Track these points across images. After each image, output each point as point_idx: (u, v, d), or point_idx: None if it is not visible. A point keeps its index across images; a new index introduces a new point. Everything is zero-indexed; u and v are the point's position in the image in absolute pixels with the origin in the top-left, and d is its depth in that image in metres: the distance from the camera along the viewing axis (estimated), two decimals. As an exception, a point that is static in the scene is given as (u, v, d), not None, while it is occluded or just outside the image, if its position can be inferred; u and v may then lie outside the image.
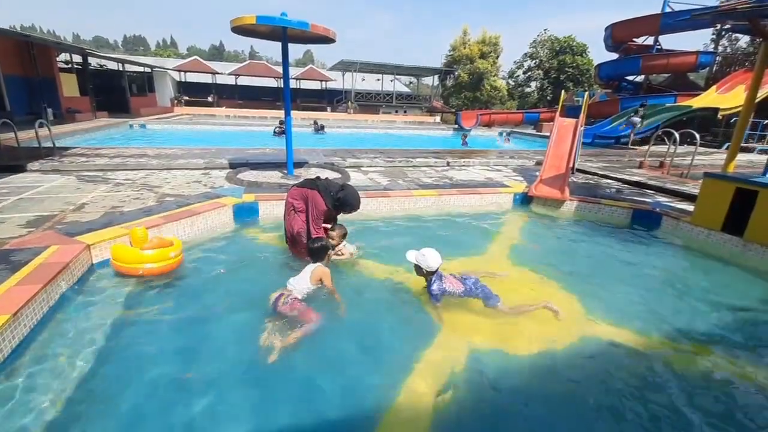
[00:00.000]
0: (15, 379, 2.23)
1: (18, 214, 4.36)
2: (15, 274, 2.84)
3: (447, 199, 5.96)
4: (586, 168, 9.05)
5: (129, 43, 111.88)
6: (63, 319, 2.80)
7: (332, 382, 2.39)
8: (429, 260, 3.09)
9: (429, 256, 3.11)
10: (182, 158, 8.12)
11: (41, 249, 3.27)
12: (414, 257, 3.17)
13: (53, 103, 15.95)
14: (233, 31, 5.77)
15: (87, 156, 7.98)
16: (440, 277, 3.16)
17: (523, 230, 5.44)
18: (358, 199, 3.75)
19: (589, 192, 6.59)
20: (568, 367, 2.66)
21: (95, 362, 2.43)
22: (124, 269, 3.37)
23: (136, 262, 3.34)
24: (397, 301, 3.32)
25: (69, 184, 5.80)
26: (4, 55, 14.98)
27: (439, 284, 3.10)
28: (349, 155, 9.67)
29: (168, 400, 2.20)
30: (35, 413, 2.03)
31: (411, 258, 3.17)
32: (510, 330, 2.99)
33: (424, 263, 3.10)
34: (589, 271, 4.10)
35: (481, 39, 36.96)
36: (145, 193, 5.51)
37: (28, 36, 15.55)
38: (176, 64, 32.01)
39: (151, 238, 3.46)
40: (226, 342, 2.70)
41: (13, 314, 2.41)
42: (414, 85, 42.38)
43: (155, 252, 3.38)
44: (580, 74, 34.96)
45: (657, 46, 20.22)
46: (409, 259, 3.17)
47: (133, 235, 3.39)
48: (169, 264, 3.46)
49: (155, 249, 3.39)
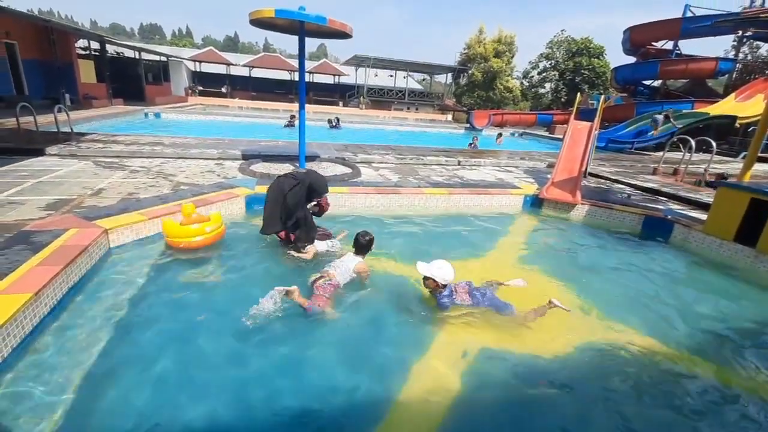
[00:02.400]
0: (36, 354, 2.32)
1: (37, 197, 4.48)
2: (36, 255, 2.94)
3: (457, 199, 5.97)
4: (598, 172, 8.98)
5: (145, 31, 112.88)
6: (81, 300, 2.89)
7: (332, 379, 2.44)
8: (446, 274, 3.01)
9: (445, 269, 3.02)
10: (196, 148, 8.22)
11: (61, 231, 3.37)
12: (427, 270, 3.02)
13: (71, 89, 16.21)
14: (251, 24, 5.82)
15: (104, 142, 8.12)
16: (451, 290, 3.09)
17: (532, 232, 5.44)
18: (325, 184, 3.83)
19: (601, 196, 6.55)
20: (575, 370, 2.68)
21: (111, 341, 2.52)
22: (172, 242, 3.66)
23: (176, 236, 3.63)
24: (405, 299, 3.34)
25: (87, 169, 5.93)
26: (24, 39, 15.25)
27: (450, 296, 3.06)
28: (360, 151, 9.70)
29: (180, 378, 2.28)
30: (53, 388, 2.12)
31: (423, 270, 3.03)
32: (517, 332, 3.01)
33: (440, 276, 3.00)
34: (598, 276, 4.09)
35: (497, 38, 36.61)
36: (161, 180, 5.61)
37: (49, 21, 15.80)
38: (191, 54, 32.27)
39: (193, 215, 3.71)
40: (230, 329, 2.76)
41: (35, 293, 2.50)
42: (427, 83, 42.19)
43: (198, 226, 3.67)
44: (596, 77, 34.50)
45: (676, 50, 19.86)
46: (420, 271, 3.03)
47: (183, 211, 3.69)
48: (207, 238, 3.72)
49: (198, 223, 3.68)
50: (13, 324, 2.29)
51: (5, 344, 2.22)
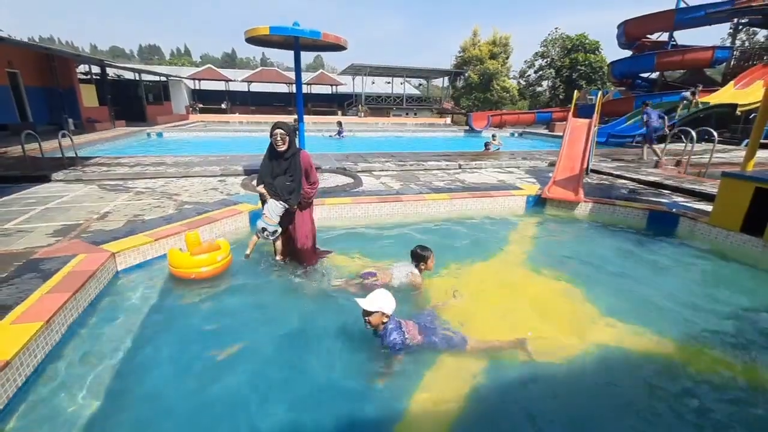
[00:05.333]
0: (49, 383, 2.35)
1: (45, 224, 4.54)
2: (46, 283, 2.98)
3: (459, 203, 5.98)
4: (600, 168, 8.95)
5: (144, 52, 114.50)
6: (91, 325, 2.92)
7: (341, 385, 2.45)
8: (391, 303, 2.59)
9: (390, 298, 2.60)
10: (198, 166, 8.31)
11: (69, 257, 3.42)
12: (373, 303, 2.56)
13: (74, 113, 16.48)
14: (247, 42, 5.92)
15: (108, 165, 8.23)
16: (397, 322, 2.65)
17: (536, 233, 5.42)
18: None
19: (604, 193, 6.53)
20: (583, 371, 2.66)
21: (121, 365, 2.54)
22: (178, 273, 3.55)
23: (188, 266, 3.53)
24: (410, 306, 3.35)
25: (92, 194, 6.01)
26: (27, 67, 15.56)
27: (399, 333, 2.59)
28: (361, 159, 9.75)
29: (193, 402, 2.29)
30: (65, 414, 2.14)
31: (368, 305, 2.55)
32: (522, 332, 2.98)
33: (388, 307, 2.57)
34: (604, 274, 4.07)
35: (492, 39, 36.83)
36: (165, 201, 5.68)
37: (50, 48, 16.13)
38: (190, 72, 32.69)
39: (202, 243, 3.64)
40: (247, 350, 2.78)
41: (46, 321, 2.53)
42: (424, 87, 42.40)
43: (206, 256, 3.57)
44: (593, 72, 34.52)
45: (672, 42, 19.86)
46: (366, 307, 2.55)
47: (186, 240, 3.58)
48: (219, 267, 3.65)
49: (206, 253, 3.58)
50: (26, 353, 2.32)
51: (20, 373, 2.25)
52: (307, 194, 3.65)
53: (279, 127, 3.42)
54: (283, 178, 3.51)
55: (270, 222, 3.62)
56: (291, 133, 3.47)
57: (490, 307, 3.39)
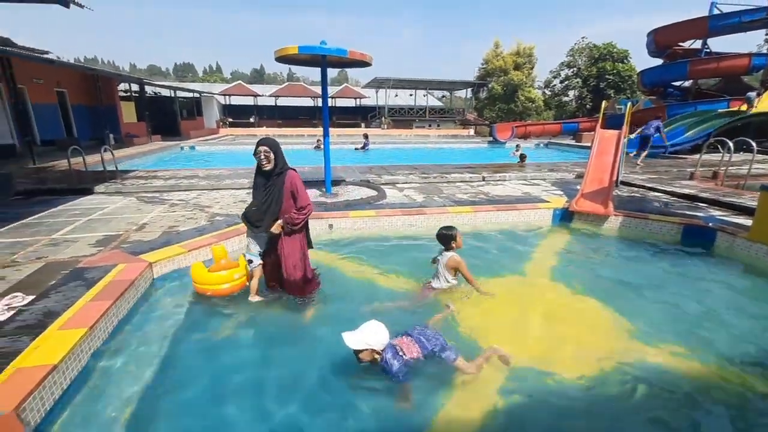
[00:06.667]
0: (90, 387, 2.49)
1: (88, 234, 4.83)
2: (89, 291, 3.17)
3: (483, 216, 5.94)
4: (631, 180, 8.69)
5: (179, 70, 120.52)
6: (129, 331, 3.08)
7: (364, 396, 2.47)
8: (381, 337, 2.44)
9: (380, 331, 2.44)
10: (228, 178, 8.63)
11: (110, 267, 3.63)
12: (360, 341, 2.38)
13: (114, 129, 17.48)
14: (277, 60, 6.16)
15: (145, 178, 8.68)
16: (395, 349, 2.48)
17: (564, 248, 5.30)
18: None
19: (635, 206, 6.33)
20: (611, 390, 2.58)
21: (158, 371, 2.67)
22: (197, 289, 3.55)
23: (204, 282, 3.50)
24: (430, 317, 3.35)
25: (131, 205, 6.35)
26: (73, 86, 16.68)
27: (398, 358, 2.43)
28: (384, 172, 9.86)
29: (222, 408, 2.37)
30: (103, 417, 2.26)
31: (355, 343, 2.38)
32: (550, 350, 2.94)
33: (378, 342, 2.41)
34: (636, 292, 3.93)
35: (515, 50, 36.68)
36: (198, 212, 5.93)
37: (94, 69, 17.25)
38: (221, 88, 34.12)
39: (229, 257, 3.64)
40: (271, 360, 2.85)
41: (90, 327, 2.70)
42: (447, 99, 42.53)
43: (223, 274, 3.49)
44: (622, 81, 33.73)
45: (705, 49, 19.17)
46: (352, 345, 2.38)
47: (213, 253, 3.60)
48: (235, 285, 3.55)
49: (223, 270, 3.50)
50: (72, 357, 2.48)
51: (65, 377, 2.40)
52: (294, 220, 3.23)
53: (263, 144, 3.11)
54: (264, 206, 3.20)
55: (249, 251, 3.40)
56: (278, 150, 3.15)
57: (513, 323, 3.34)
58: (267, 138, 3.18)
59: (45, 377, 2.20)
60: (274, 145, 3.14)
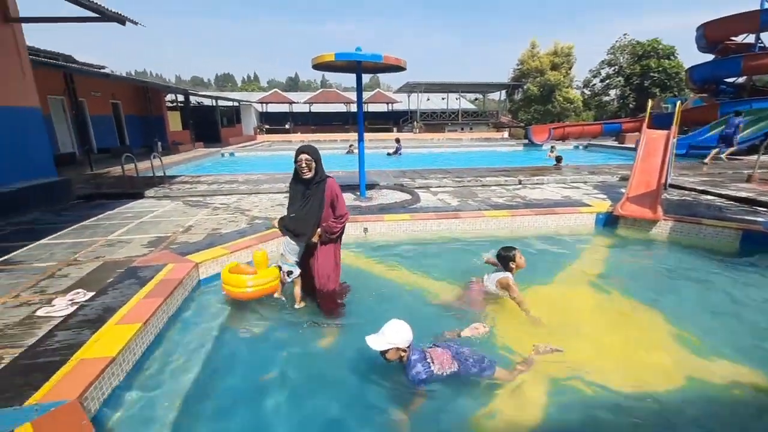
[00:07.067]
0: (143, 378, 2.63)
1: (140, 235, 5.14)
2: (142, 289, 3.37)
3: (521, 220, 5.78)
4: (681, 183, 8.18)
5: (220, 80, 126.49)
6: (177, 328, 3.24)
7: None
8: (405, 334, 2.37)
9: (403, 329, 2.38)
10: (266, 183, 8.91)
11: (160, 266, 3.83)
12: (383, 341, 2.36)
13: (162, 137, 18.56)
14: (314, 68, 6.32)
15: (190, 183, 9.13)
16: (423, 355, 2.44)
17: (608, 254, 5.06)
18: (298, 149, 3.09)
19: (687, 210, 5.94)
20: (658, 406, 2.42)
21: (204, 364, 2.79)
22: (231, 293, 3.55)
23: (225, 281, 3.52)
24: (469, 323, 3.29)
25: (177, 209, 6.70)
26: (125, 98, 17.88)
27: (424, 365, 2.38)
28: (418, 176, 9.83)
29: (265, 406, 2.44)
30: (157, 409, 2.38)
31: (378, 344, 2.36)
32: (594, 362, 2.80)
33: (402, 341, 2.36)
34: (689, 302, 3.69)
35: (553, 50, 35.62)
36: (239, 216, 6.16)
37: (145, 82, 18.44)
38: (259, 96, 35.49)
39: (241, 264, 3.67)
40: (313, 363, 2.91)
41: (144, 323, 2.86)
42: (480, 102, 41.91)
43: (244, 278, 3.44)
44: (668, 78, 31.92)
45: (759, 44, 17.80)
46: (375, 347, 2.36)
47: (254, 258, 3.60)
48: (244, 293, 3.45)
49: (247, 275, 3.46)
50: (127, 351, 2.63)
51: (122, 369, 2.56)
52: (332, 228, 3.17)
53: (304, 152, 3.04)
54: (305, 215, 3.13)
55: (286, 260, 3.30)
56: (318, 158, 3.10)
57: (554, 332, 3.21)
58: (308, 145, 3.13)
59: (104, 369, 2.35)
60: (315, 153, 3.09)
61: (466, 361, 2.50)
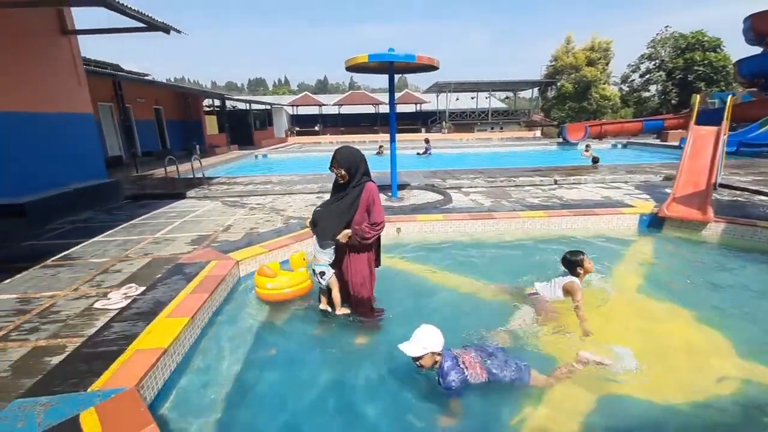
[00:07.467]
0: (192, 369, 2.76)
1: (184, 234, 5.39)
2: (189, 284, 3.53)
3: (558, 221, 5.62)
4: (732, 182, 7.68)
5: (252, 84, 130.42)
6: (222, 322, 3.37)
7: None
8: (438, 338, 2.37)
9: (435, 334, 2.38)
10: (299, 184, 9.11)
11: (204, 263, 4.01)
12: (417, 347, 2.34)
13: (200, 140, 19.38)
14: (347, 70, 6.41)
15: (227, 184, 9.48)
16: (455, 360, 2.40)
17: (653, 258, 4.82)
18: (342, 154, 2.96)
19: (739, 212, 5.57)
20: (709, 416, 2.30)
21: (246, 360, 2.89)
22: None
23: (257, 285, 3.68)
24: (505, 325, 3.22)
25: (217, 209, 6.98)
26: (167, 103, 18.78)
27: (457, 369, 2.35)
28: (449, 176, 9.75)
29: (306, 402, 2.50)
30: (206, 398, 2.49)
31: (413, 351, 2.35)
32: (641, 370, 2.66)
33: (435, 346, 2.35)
34: (744, 308, 3.45)
35: (589, 46, 34.34)
36: (274, 216, 6.34)
37: (185, 88, 19.33)
38: (289, 100, 36.36)
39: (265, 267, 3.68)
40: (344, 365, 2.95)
41: (191, 317, 3.00)
42: (510, 100, 41.02)
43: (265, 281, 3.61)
44: (714, 72, 30.02)
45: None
46: (410, 353, 2.35)
47: (291, 260, 3.76)
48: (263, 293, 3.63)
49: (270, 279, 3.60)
50: (177, 342, 2.77)
51: (173, 360, 2.69)
52: (365, 233, 2.98)
53: (334, 157, 2.93)
54: (332, 212, 3.05)
55: (317, 261, 3.20)
56: (352, 163, 2.94)
57: (597, 338, 3.10)
58: (340, 150, 2.97)
59: (158, 359, 2.48)
60: (345, 161, 2.91)
61: (500, 367, 2.45)
